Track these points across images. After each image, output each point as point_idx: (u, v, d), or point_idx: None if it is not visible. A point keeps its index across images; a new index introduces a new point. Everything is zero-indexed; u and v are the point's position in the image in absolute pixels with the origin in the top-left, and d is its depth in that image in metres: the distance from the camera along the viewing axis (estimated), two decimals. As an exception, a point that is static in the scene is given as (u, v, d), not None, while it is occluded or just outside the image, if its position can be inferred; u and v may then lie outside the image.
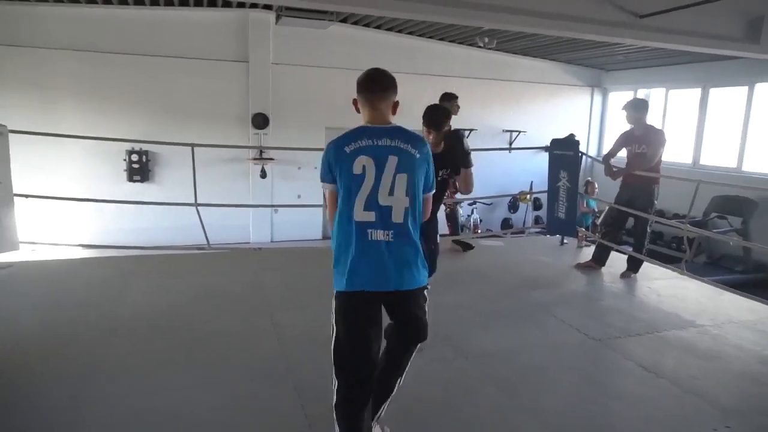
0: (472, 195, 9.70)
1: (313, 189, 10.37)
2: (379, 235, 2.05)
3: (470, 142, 11.90)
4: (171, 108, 9.25)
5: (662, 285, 4.99)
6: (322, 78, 10.18)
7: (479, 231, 11.15)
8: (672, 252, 9.60)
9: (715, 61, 9.22)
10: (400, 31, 10.17)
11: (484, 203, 11.07)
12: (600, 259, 5.40)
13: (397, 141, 2.11)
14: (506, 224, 11.89)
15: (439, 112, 3.15)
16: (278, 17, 7.39)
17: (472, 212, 11.25)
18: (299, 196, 10.35)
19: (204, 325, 3.64)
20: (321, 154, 8.97)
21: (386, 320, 2.23)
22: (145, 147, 9.14)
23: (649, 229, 5.26)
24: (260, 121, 9.76)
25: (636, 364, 3.34)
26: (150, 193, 9.13)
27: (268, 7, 9.17)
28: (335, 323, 2.16)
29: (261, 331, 3.58)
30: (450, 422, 2.66)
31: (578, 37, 6.68)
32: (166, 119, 9.11)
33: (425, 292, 2.25)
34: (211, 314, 3.85)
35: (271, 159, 9.98)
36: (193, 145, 5.21)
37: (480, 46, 10.11)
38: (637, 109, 5.28)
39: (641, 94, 11.44)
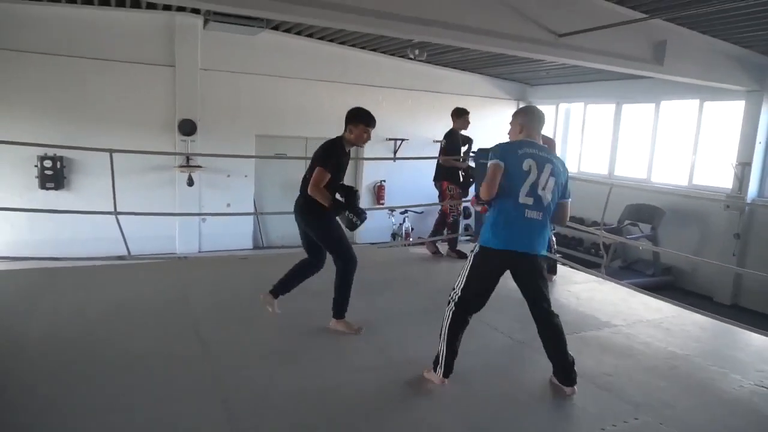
0: (404, 203, 9.92)
1: (243, 197, 10.26)
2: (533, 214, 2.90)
3: (401, 152, 12.04)
4: (91, 113, 8.80)
5: (581, 288, 5.28)
6: (253, 85, 10.04)
7: (411, 239, 11.34)
8: (591, 257, 10.19)
9: (627, 79, 9.92)
10: (331, 41, 10.21)
11: (415, 212, 11.26)
12: None
13: (549, 155, 2.98)
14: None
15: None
16: (206, 21, 7.19)
17: (404, 221, 11.42)
18: (228, 205, 10.12)
19: (124, 343, 3.45)
20: (251, 161, 8.85)
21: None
22: (60, 153, 8.61)
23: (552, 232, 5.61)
24: (187, 128, 9.46)
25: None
26: (65, 201, 8.61)
27: (196, 11, 8.95)
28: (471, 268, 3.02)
29: (186, 349, 3.44)
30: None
31: (503, 52, 6.99)
32: (84, 124, 8.64)
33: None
34: (132, 330, 3.65)
35: (199, 167, 9.68)
36: (111, 151, 4.97)
37: (411, 58, 10.34)
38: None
39: (562, 108, 12.12)
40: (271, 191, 10.95)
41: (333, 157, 3.48)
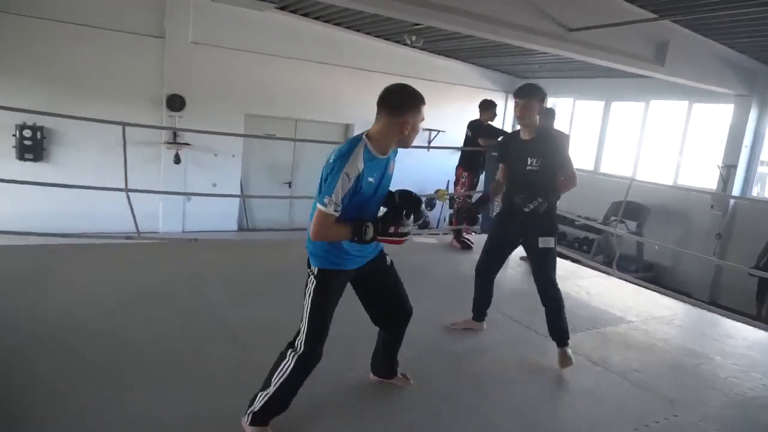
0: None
1: (229, 177, 9.97)
2: None
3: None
4: (74, 82, 8.34)
5: (588, 284, 5.34)
6: (245, 63, 9.72)
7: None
8: (574, 252, 10.36)
9: (617, 77, 10.05)
10: (327, 21, 9.96)
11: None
12: None
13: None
14: (423, 222, 12.13)
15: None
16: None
17: (391, 208, 11.35)
18: (214, 185, 9.82)
19: (147, 328, 3.29)
20: (239, 141, 8.74)
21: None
22: (40, 122, 8.14)
23: None
24: (176, 103, 9.10)
25: (586, 359, 3.54)
26: (45, 174, 8.14)
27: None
28: None
29: (213, 333, 3.32)
30: (432, 424, 2.63)
31: (513, 43, 6.94)
32: (67, 94, 8.17)
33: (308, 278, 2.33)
34: (153, 314, 3.49)
35: (187, 144, 9.34)
36: (124, 124, 4.69)
37: (407, 44, 10.20)
38: (545, 116, 5.80)
39: (551, 102, 12.21)
40: (258, 173, 10.69)
41: None
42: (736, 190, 8.82)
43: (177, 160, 9.25)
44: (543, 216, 3.24)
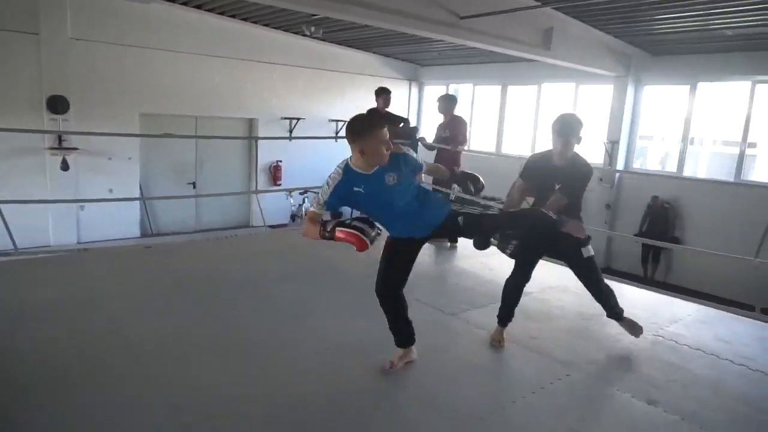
0: (301, 184, 9.73)
1: (127, 181, 9.43)
2: None
3: (297, 131, 11.90)
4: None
5: (493, 261, 5.59)
6: (136, 59, 9.20)
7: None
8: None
9: (511, 62, 10.54)
10: (221, 14, 9.62)
11: (314, 192, 11.13)
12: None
13: None
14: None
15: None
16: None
17: (303, 201, 11.26)
18: (111, 190, 9.27)
19: (39, 348, 3.05)
20: (135, 143, 8.32)
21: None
22: None
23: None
24: (58, 105, 8.42)
25: (487, 333, 3.71)
26: None
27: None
28: None
29: (111, 349, 3.14)
30: (342, 421, 2.65)
31: (406, 31, 7.07)
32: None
33: None
34: (39, 335, 3.24)
35: (75, 149, 8.70)
36: (-11, 132, 4.26)
37: (306, 35, 10.10)
38: (447, 101, 6.14)
39: (452, 88, 12.61)
40: (159, 175, 10.20)
41: None
42: (620, 163, 9.60)
43: (65, 166, 8.60)
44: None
